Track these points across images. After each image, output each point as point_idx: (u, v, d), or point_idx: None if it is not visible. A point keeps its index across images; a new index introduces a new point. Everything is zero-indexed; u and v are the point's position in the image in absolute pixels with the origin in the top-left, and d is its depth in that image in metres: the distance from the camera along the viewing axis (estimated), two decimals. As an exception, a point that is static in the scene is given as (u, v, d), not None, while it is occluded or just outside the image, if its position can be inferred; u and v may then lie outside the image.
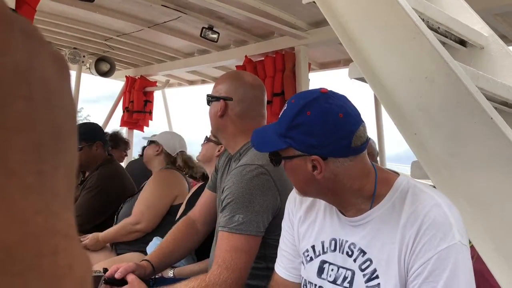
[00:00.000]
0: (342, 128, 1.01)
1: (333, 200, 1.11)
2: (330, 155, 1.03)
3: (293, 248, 1.25)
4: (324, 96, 1.04)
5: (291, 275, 1.25)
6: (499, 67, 1.69)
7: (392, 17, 1.28)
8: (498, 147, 1.04)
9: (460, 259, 0.93)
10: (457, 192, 1.11)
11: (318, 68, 4.11)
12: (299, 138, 1.04)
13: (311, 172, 1.04)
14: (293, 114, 1.04)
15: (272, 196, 1.41)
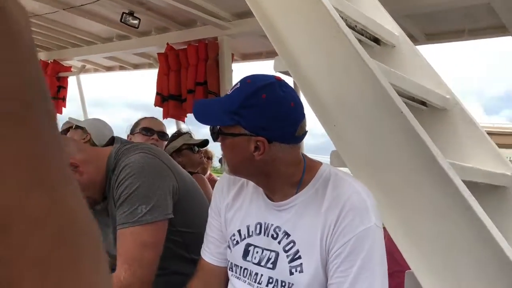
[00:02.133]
0: (292, 116, 1.08)
1: (263, 182, 1.17)
2: (276, 139, 1.08)
3: (219, 234, 1.28)
4: (279, 83, 1.09)
5: (217, 260, 1.28)
6: (408, 65, 1.84)
7: (315, 14, 1.35)
8: (407, 139, 1.16)
9: (376, 240, 1.03)
10: (372, 180, 1.21)
11: (240, 59, 4.16)
12: (249, 118, 1.07)
13: (252, 152, 1.08)
14: (248, 94, 1.08)
15: (169, 177, 1.40)
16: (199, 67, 3.57)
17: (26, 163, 0.17)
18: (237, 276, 1.20)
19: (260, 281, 1.13)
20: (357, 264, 1.01)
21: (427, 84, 1.70)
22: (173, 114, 3.78)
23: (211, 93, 3.50)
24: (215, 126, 1.14)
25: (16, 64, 0.18)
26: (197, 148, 2.80)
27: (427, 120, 1.76)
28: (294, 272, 1.08)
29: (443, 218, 1.11)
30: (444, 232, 1.11)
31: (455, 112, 1.75)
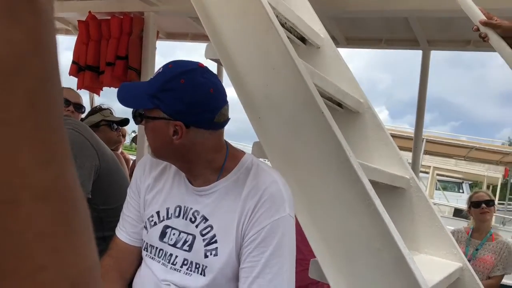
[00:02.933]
0: (210, 102, 1.10)
1: (184, 167, 1.19)
2: (193, 124, 1.10)
3: (136, 214, 1.28)
4: (201, 70, 1.12)
5: (132, 240, 1.28)
6: (329, 67, 1.95)
7: (250, 7, 1.38)
8: (324, 138, 1.24)
9: (288, 229, 1.10)
10: (289, 172, 1.28)
11: (165, 37, 4.07)
12: (168, 101, 1.09)
13: (171, 136, 1.10)
14: (168, 78, 1.10)
15: (91, 157, 1.39)
16: (122, 41, 3.44)
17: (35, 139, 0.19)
18: (152, 256, 1.21)
19: (175, 262, 1.16)
20: (268, 251, 1.07)
21: (345, 87, 1.81)
22: (88, 85, 3.61)
23: (131, 68, 3.40)
24: (138, 109, 1.15)
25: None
26: (116, 126, 2.72)
27: (342, 121, 1.88)
28: (209, 255, 1.12)
29: (349, 212, 1.21)
30: (348, 225, 1.21)
31: (366, 116, 1.89)
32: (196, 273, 1.13)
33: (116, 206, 1.39)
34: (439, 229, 1.75)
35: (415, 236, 1.79)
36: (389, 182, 1.66)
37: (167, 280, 1.15)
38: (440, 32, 2.96)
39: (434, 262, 1.69)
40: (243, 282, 1.09)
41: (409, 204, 1.81)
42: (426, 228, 1.77)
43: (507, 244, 3.08)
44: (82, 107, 2.54)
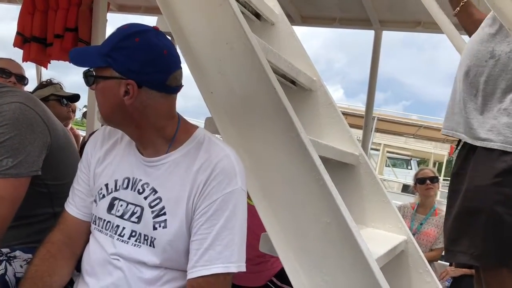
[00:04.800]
0: (163, 63, 1.11)
1: (135, 133, 1.17)
2: (145, 84, 1.10)
3: (86, 188, 1.26)
4: (155, 32, 1.13)
5: (81, 214, 1.26)
6: (283, 44, 1.95)
7: (203, -20, 1.35)
8: (277, 114, 1.25)
9: (239, 202, 1.12)
10: (241, 148, 1.29)
11: (117, 10, 3.94)
12: (120, 60, 1.08)
13: (122, 96, 1.09)
14: (121, 36, 1.09)
15: (42, 133, 1.35)
16: (71, 12, 3.30)
17: None
18: (99, 229, 1.19)
19: (122, 234, 1.15)
20: (219, 223, 1.09)
21: (298, 65, 1.82)
22: (35, 58, 3.46)
23: (81, 41, 3.28)
24: (89, 70, 1.13)
25: None
26: (66, 101, 2.63)
27: (295, 98, 1.90)
28: (157, 227, 1.12)
29: (299, 187, 1.23)
30: (298, 200, 1.24)
31: (319, 94, 1.91)
32: (146, 245, 1.13)
33: (66, 182, 1.37)
34: (386, 204, 1.82)
35: (363, 211, 1.86)
36: (339, 158, 1.70)
37: (116, 253, 1.14)
38: (391, 13, 3.02)
39: (380, 235, 1.76)
40: (193, 254, 1.10)
41: (358, 180, 1.86)
42: (373, 203, 1.84)
43: (449, 218, 3.24)
44: (24, 79, 2.43)
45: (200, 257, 1.08)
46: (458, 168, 1.40)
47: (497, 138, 1.27)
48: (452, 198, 1.41)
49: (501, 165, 1.26)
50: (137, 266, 1.12)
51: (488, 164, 1.28)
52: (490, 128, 1.30)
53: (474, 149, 1.33)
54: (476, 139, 1.31)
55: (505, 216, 1.22)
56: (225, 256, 1.08)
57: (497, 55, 1.27)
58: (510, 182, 1.24)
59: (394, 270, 1.71)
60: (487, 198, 1.26)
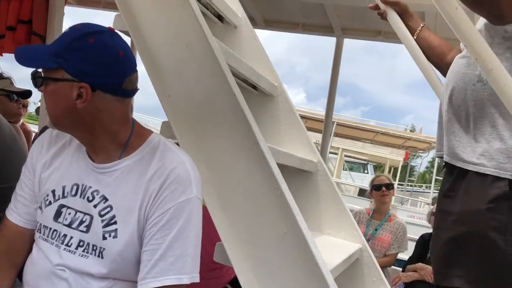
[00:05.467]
0: (119, 66, 1.06)
1: (86, 138, 1.11)
2: (100, 87, 1.04)
3: (30, 194, 1.19)
4: (110, 33, 1.07)
5: (23, 221, 1.19)
6: (246, 48, 1.93)
7: (165, -20, 1.31)
8: (236, 121, 1.22)
9: (194, 211, 1.08)
10: (198, 154, 1.25)
11: (75, 3, 3.80)
12: (73, 61, 1.02)
13: (74, 100, 1.03)
14: (74, 36, 1.03)
15: None
16: (25, 3, 3.13)
17: None
18: (45, 238, 1.12)
19: (69, 243, 1.09)
20: (173, 233, 1.05)
21: (260, 70, 1.80)
22: (-16, 50, 3.28)
23: (36, 34, 3.12)
24: (38, 70, 1.07)
25: None
26: (16, 97, 2.51)
27: (256, 103, 1.89)
28: (107, 237, 1.07)
29: (256, 196, 1.21)
30: (255, 209, 1.22)
31: (280, 99, 1.90)
32: (93, 255, 1.07)
33: (12, 185, 1.28)
34: (342, 211, 1.83)
35: (320, 218, 1.86)
36: (297, 165, 1.70)
37: (61, 264, 1.08)
38: (353, 21, 3.06)
39: (336, 243, 1.77)
40: (144, 265, 1.05)
41: (316, 187, 1.87)
42: (330, 210, 1.84)
43: (403, 225, 3.33)
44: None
45: (151, 268, 1.04)
46: (448, 190, 1.39)
47: (490, 164, 1.28)
48: (441, 219, 1.40)
49: (494, 191, 1.26)
50: (84, 277, 1.06)
51: (482, 189, 1.28)
52: (482, 152, 1.30)
53: (465, 172, 1.33)
54: (468, 163, 1.32)
55: (499, 242, 1.23)
56: (177, 267, 1.04)
57: (484, 79, 1.28)
58: (503, 208, 1.25)
59: (349, 279, 1.72)
60: (481, 223, 1.26)
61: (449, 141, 1.40)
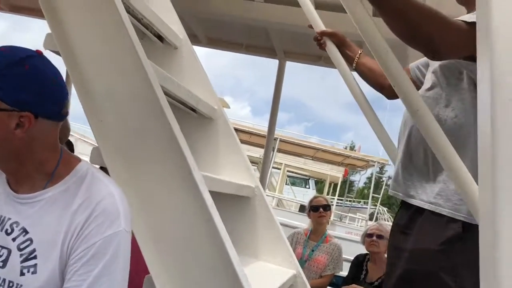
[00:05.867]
0: (57, 91, 1.03)
1: (12, 168, 1.05)
2: (42, 115, 1.01)
3: None
4: (41, 57, 1.03)
5: None
6: (186, 69, 1.91)
7: (100, 1, 1.27)
8: (170, 149, 1.19)
9: (122, 245, 1.03)
10: (130, 184, 1.21)
11: (7, 10, 3.61)
12: (10, 90, 0.96)
13: (12, 130, 0.97)
14: (7, 63, 0.97)
15: None
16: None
17: None
18: None
19: None
20: (98, 268, 0.99)
21: (200, 92, 1.79)
22: None
23: (-37, 40, 2.94)
24: None
25: None
26: None
27: (195, 126, 1.87)
28: (25, 273, 1.00)
29: (188, 228, 1.18)
30: (187, 242, 1.19)
31: (219, 122, 1.89)
32: None
33: None
34: (278, 237, 1.83)
35: (256, 243, 1.85)
36: (234, 192, 1.69)
37: None
38: (295, 46, 3.13)
39: (271, 270, 1.76)
40: None
41: (253, 213, 1.86)
42: (266, 236, 1.84)
43: (338, 246, 3.39)
44: None
45: None
46: (403, 227, 1.40)
47: (446, 204, 1.30)
48: (394, 255, 1.41)
49: (449, 232, 1.28)
50: None
51: (436, 229, 1.30)
52: (439, 192, 1.32)
53: (422, 210, 1.34)
54: (425, 202, 1.33)
55: (450, 284, 1.25)
56: None
57: (442, 119, 1.31)
58: (456, 249, 1.27)
59: (283, 306, 1.72)
60: (434, 263, 1.28)
61: (406, 179, 1.41)
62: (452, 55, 1.29)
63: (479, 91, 0.58)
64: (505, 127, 0.49)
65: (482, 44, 0.57)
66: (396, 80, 1.07)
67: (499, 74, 0.50)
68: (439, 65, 1.39)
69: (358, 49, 1.82)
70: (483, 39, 0.56)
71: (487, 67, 0.52)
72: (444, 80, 1.36)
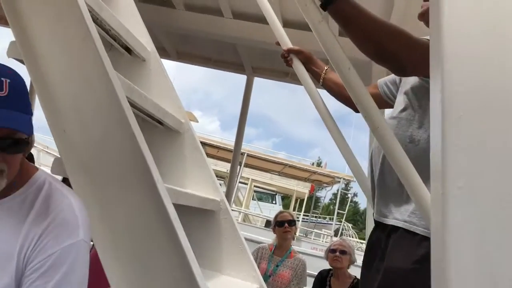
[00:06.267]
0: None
1: None
2: None
3: None
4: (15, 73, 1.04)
5: None
6: (153, 82, 1.90)
7: (67, 11, 1.26)
8: (135, 162, 1.19)
9: (80, 255, 1.01)
10: (91, 194, 1.19)
11: (-29, 16, 3.51)
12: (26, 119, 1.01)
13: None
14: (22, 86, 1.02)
15: None
16: None
17: None
18: None
19: None
20: (54, 280, 0.97)
21: (167, 105, 1.78)
22: None
23: None
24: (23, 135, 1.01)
25: None
26: None
27: (161, 138, 1.86)
28: None
29: (151, 240, 1.17)
30: (149, 253, 1.18)
31: (186, 136, 1.89)
32: None
33: None
34: (242, 251, 1.83)
35: (220, 258, 1.84)
36: (199, 205, 1.68)
37: None
38: (263, 62, 3.17)
39: (234, 284, 1.76)
40: None
41: (217, 226, 1.86)
42: (230, 250, 1.84)
43: (303, 261, 3.41)
44: None
45: None
46: (378, 246, 1.40)
47: (420, 223, 1.31)
48: (368, 275, 1.42)
49: (421, 251, 1.27)
50: None
51: (410, 247, 1.30)
52: (413, 210, 1.32)
53: (396, 229, 1.35)
54: (399, 220, 1.34)
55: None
56: None
57: (416, 140, 1.33)
58: (428, 268, 1.28)
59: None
60: (407, 282, 1.28)
61: (381, 199, 1.42)
62: (418, 73, 1.32)
63: (431, 108, 0.61)
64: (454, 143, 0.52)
65: (434, 64, 0.60)
66: (357, 98, 1.11)
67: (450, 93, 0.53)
68: (410, 87, 1.42)
69: (324, 66, 1.86)
70: (435, 60, 0.60)
71: (438, 87, 0.55)
72: (416, 102, 1.39)
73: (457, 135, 0.52)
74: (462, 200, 0.50)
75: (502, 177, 0.51)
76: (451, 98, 0.53)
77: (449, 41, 0.55)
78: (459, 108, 0.52)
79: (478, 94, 0.53)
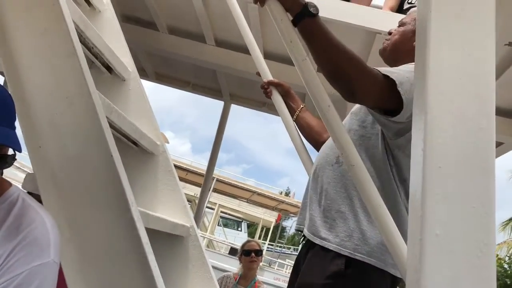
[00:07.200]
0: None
1: None
2: None
3: None
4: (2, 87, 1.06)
5: None
6: (132, 102, 1.90)
7: (54, 27, 1.26)
8: (110, 182, 1.17)
9: (48, 276, 0.98)
10: (61, 213, 1.17)
11: None
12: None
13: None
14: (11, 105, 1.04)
15: None
16: None
17: None
18: None
19: None
20: None
21: (144, 127, 1.78)
22: None
23: None
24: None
25: None
26: None
27: (135, 159, 1.84)
28: None
29: (121, 265, 1.15)
30: (118, 277, 1.15)
31: (160, 159, 1.88)
32: None
33: None
34: (209, 280, 1.81)
35: (187, 285, 1.82)
36: (169, 230, 1.67)
37: None
38: (241, 90, 3.21)
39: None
40: None
41: (186, 253, 1.84)
42: (198, 278, 1.81)
43: (266, 292, 3.38)
44: None
45: None
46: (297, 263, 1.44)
47: (334, 240, 1.34)
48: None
49: (333, 267, 1.31)
50: None
51: (322, 263, 1.34)
52: (329, 228, 1.36)
53: (313, 245, 1.39)
54: (316, 237, 1.38)
55: None
56: None
57: (340, 161, 1.38)
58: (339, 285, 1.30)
59: None
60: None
61: (307, 214, 1.49)
62: (366, 101, 1.35)
63: (412, 156, 0.64)
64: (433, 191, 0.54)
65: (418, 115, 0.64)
66: (335, 135, 1.14)
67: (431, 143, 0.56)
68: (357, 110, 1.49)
69: (300, 103, 1.91)
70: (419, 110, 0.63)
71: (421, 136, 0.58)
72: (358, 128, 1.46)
73: (436, 184, 0.54)
74: (438, 247, 0.53)
75: (476, 226, 0.54)
76: (433, 148, 0.56)
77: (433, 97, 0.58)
78: (439, 159, 0.55)
79: (456, 147, 0.56)
